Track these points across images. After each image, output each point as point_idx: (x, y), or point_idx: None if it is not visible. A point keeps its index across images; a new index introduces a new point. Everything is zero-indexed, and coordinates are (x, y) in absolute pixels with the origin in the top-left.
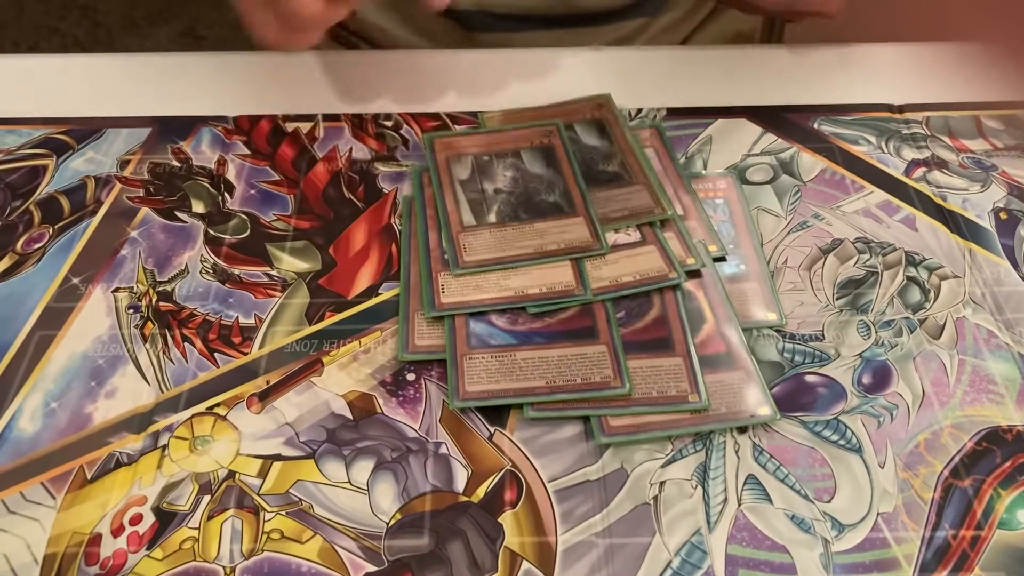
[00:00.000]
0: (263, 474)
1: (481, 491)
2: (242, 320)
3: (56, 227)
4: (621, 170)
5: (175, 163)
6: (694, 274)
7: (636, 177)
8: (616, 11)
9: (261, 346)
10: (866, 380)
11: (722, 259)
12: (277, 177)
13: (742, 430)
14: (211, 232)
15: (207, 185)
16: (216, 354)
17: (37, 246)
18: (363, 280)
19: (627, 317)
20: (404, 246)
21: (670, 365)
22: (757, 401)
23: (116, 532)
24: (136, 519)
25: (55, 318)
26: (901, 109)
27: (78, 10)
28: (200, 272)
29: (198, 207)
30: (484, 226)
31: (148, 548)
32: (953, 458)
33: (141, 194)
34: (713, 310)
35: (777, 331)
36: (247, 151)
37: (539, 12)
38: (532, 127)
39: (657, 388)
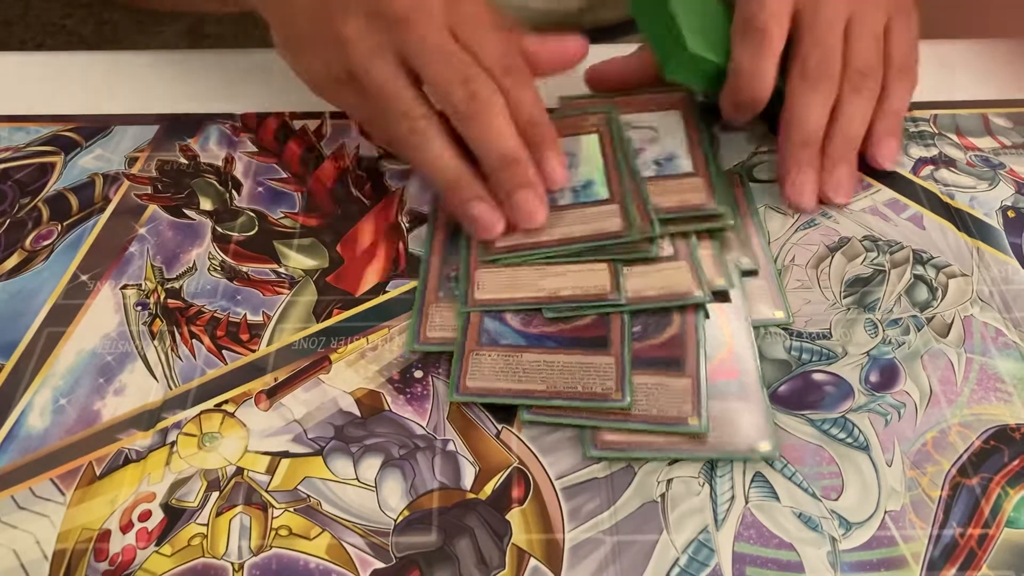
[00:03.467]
0: (271, 471)
1: (489, 488)
2: (250, 317)
3: (64, 224)
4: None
5: (183, 160)
6: (721, 295)
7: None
8: (620, 26)
9: (269, 343)
10: (873, 378)
11: (753, 273)
12: (285, 174)
13: None
14: (219, 229)
15: (215, 182)
16: (224, 351)
17: (46, 243)
18: (370, 277)
19: (643, 332)
20: (428, 237)
21: (677, 385)
22: (759, 435)
23: (125, 528)
24: (145, 515)
25: (64, 315)
26: (909, 107)
27: (84, 8)
28: (208, 269)
29: (206, 204)
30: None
31: (157, 544)
32: (961, 456)
33: (149, 191)
34: (733, 336)
35: (784, 329)
36: (255, 148)
37: (544, 29)
38: (583, 114)
39: (658, 407)
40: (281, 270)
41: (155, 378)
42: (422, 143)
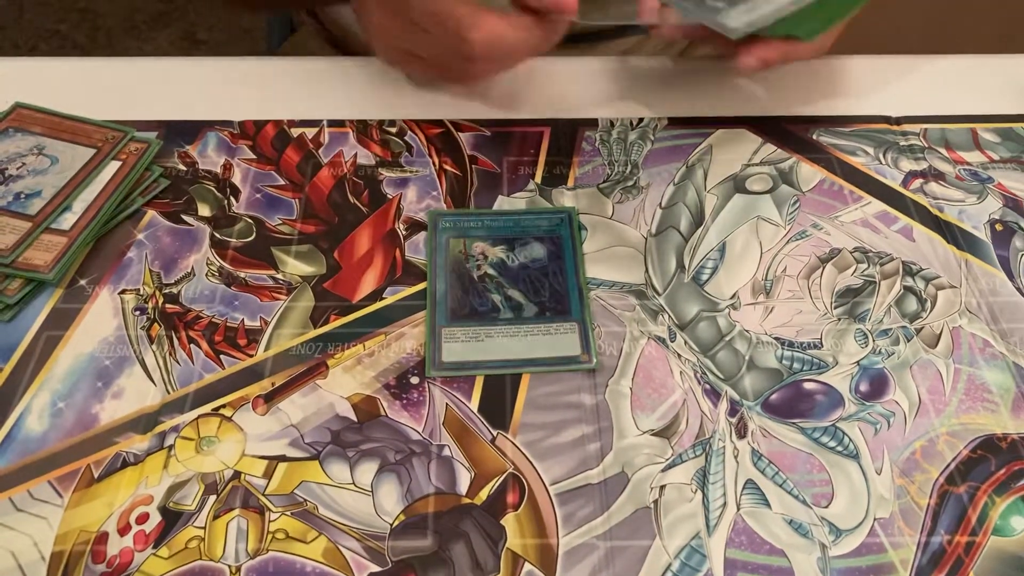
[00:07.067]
0: (268, 475)
1: (484, 493)
2: (248, 323)
3: None
4: None
5: (181, 167)
6: None
7: None
8: (614, 29)
9: (266, 348)
10: (863, 388)
11: None
12: (282, 181)
13: (741, 435)
14: (217, 235)
15: (213, 189)
16: (222, 356)
17: None
18: (367, 284)
19: None
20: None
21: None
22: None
23: (123, 531)
24: (142, 518)
25: (62, 319)
26: (899, 121)
27: (78, 13)
28: (206, 275)
29: (204, 211)
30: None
31: (154, 547)
32: (949, 465)
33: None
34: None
35: (776, 339)
36: (253, 156)
37: None
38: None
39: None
40: (279, 276)
41: (153, 382)
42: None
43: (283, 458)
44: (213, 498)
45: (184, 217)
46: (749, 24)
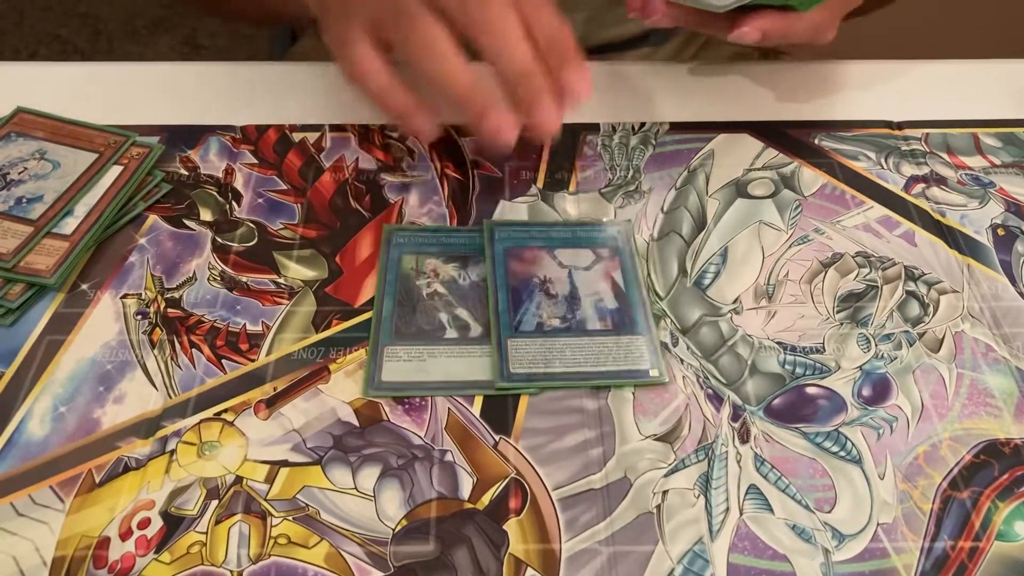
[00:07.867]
0: (270, 480)
1: (486, 499)
2: (249, 327)
3: None
4: None
5: (183, 171)
6: None
7: None
8: (624, 42)
9: (268, 353)
10: (866, 392)
11: None
12: (284, 186)
13: (743, 440)
14: (219, 240)
15: (215, 193)
16: (224, 360)
17: None
18: (369, 289)
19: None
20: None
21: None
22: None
23: (124, 536)
24: (144, 523)
25: (64, 324)
26: (900, 126)
27: (79, 18)
28: (208, 279)
29: (206, 215)
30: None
31: (156, 552)
32: (952, 470)
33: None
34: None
35: (778, 343)
36: (255, 160)
37: None
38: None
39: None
40: (280, 281)
41: (155, 387)
42: (431, 48)
43: (285, 463)
44: (215, 503)
45: (186, 222)
46: None
